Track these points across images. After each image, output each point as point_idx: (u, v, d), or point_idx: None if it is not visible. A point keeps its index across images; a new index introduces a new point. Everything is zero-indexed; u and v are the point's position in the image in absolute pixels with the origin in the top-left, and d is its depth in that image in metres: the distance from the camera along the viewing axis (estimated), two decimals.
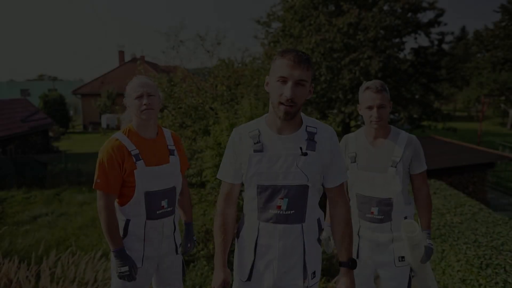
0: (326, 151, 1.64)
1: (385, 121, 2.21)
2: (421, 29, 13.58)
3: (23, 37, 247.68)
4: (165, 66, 10.36)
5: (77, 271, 3.91)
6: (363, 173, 2.25)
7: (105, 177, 1.98)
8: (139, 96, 2.04)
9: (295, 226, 1.63)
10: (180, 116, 7.47)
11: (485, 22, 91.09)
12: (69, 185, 11.32)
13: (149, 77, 2.65)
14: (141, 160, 2.02)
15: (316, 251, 1.72)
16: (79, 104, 31.36)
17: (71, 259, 4.19)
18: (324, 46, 11.80)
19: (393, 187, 2.18)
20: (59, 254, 4.40)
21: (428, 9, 13.24)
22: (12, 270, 3.90)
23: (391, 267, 2.25)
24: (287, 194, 1.60)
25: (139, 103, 2.03)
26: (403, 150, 2.19)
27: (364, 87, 2.23)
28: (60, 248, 5.59)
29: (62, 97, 26.74)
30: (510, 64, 30.64)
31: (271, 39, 14.14)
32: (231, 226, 1.77)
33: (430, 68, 14.17)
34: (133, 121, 2.12)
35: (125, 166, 2.00)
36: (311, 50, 11.78)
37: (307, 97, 1.60)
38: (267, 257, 1.66)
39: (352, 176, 2.30)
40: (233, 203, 1.78)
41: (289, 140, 1.62)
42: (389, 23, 12.21)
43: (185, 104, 7.45)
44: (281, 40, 13.20)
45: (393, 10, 12.81)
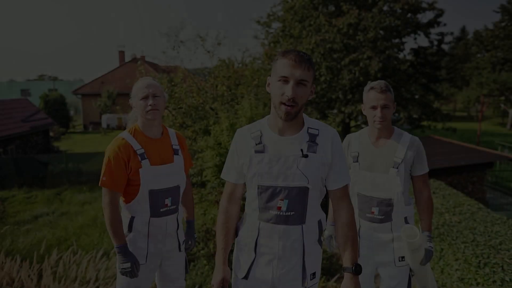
0: (327, 153, 1.62)
1: (388, 121, 2.20)
2: (421, 29, 13.61)
3: (23, 37, 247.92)
4: (165, 66, 10.39)
5: (79, 270, 3.94)
6: (365, 173, 2.26)
7: (111, 175, 2.02)
8: (145, 97, 2.08)
9: (295, 227, 1.63)
10: (181, 116, 7.50)
11: (485, 22, 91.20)
12: (70, 185, 11.34)
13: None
14: (146, 159, 2.07)
15: (316, 252, 1.71)
16: (80, 104, 31.39)
17: (73, 258, 4.22)
18: (324, 46, 11.83)
19: (394, 188, 2.18)
20: (61, 253, 4.43)
21: (427, 10, 13.27)
22: (14, 269, 3.93)
23: (391, 266, 2.26)
24: (287, 196, 1.59)
25: (144, 104, 2.08)
26: (405, 151, 2.19)
27: (369, 87, 2.22)
28: (61, 248, 5.61)
29: (62, 97, 26.76)
30: (510, 64, 30.68)
31: (271, 39, 14.18)
32: (233, 225, 1.78)
33: (430, 68, 14.19)
34: (139, 121, 2.17)
35: (131, 165, 2.04)
36: (311, 50, 11.81)
37: (309, 98, 1.59)
38: (267, 257, 1.66)
39: (354, 175, 2.30)
40: (236, 203, 1.79)
41: (290, 141, 1.61)
42: (388, 24, 12.24)
43: (185, 104, 7.48)
44: (281, 41, 13.23)
45: (393, 11, 12.83)
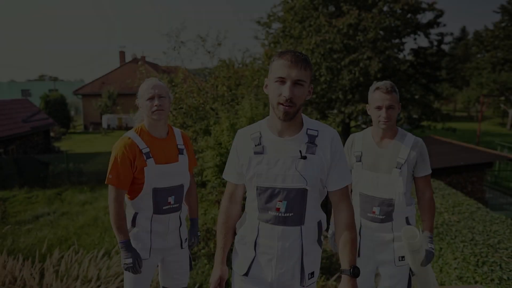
0: (326, 154, 1.61)
1: (393, 122, 2.21)
2: (421, 30, 13.60)
3: (24, 37, 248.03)
4: (165, 66, 10.42)
5: (80, 269, 3.97)
6: (368, 172, 2.26)
7: (117, 173, 2.08)
8: (151, 97, 2.13)
9: (294, 228, 1.62)
10: (181, 117, 7.53)
11: (485, 22, 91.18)
12: (71, 185, 11.40)
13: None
14: (151, 158, 2.13)
15: (315, 252, 1.71)
16: (80, 105, 31.46)
17: (74, 257, 4.25)
18: (324, 47, 11.85)
19: (396, 188, 2.19)
20: (62, 253, 4.47)
21: (427, 10, 13.29)
22: (17, 268, 3.97)
23: (391, 265, 2.27)
24: (285, 197, 1.59)
25: (150, 104, 2.13)
26: (408, 152, 2.19)
27: (374, 87, 2.23)
28: (62, 247, 5.65)
29: (63, 98, 26.81)
30: (510, 65, 30.73)
31: (271, 39, 14.20)
32: (233, 225, 1.80)
33: (430, 68, 14.19)
34: (145, 121, 2.22)
35: (136, 163, 2.10)
36: (311, 50, 11.83)
37: (307, 98, 1.58)
38: (266, 256, 1.67)
39: (356, 175, 2.31)
40: (237, 203, 1.81)
41: (289, 143, 1.61)
42: (388, 24, 12.25)
43: (186, 104, 7.51)
44: (281, 41, 13.26)
45: (393, 11, 12.84)
